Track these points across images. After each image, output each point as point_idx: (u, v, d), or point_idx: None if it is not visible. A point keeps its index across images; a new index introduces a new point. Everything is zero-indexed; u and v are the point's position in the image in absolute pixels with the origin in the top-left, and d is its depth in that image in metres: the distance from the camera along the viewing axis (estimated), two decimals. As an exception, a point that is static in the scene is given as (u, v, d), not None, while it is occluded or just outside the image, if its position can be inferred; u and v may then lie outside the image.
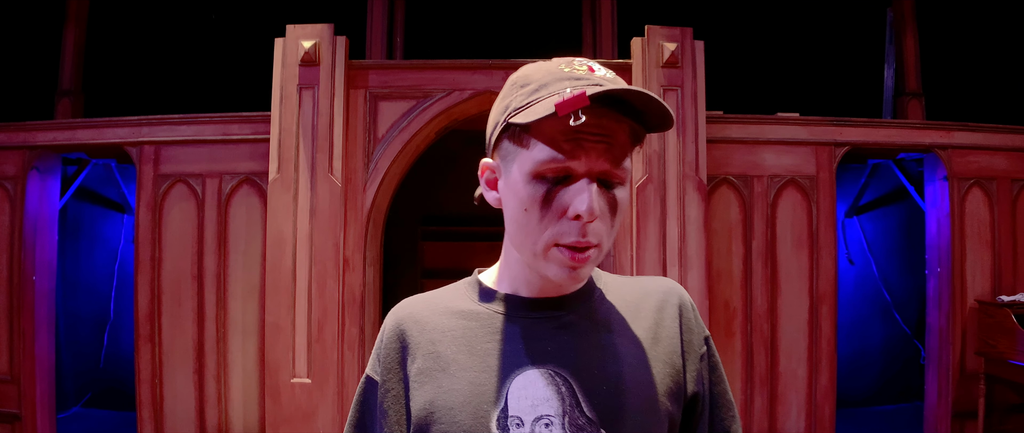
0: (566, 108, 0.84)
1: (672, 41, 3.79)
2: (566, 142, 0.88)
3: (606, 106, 0.89)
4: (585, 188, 0.87)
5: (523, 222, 0.92)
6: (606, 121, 0.88)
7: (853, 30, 5.43)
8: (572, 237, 0.88)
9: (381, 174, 3.76)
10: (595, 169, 0.88)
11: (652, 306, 1.03)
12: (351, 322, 3.69)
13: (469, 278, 1.07)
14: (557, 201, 0.89)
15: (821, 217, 4.07)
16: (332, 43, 3.75)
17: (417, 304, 1.05)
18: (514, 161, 0.93)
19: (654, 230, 3.74)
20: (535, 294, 0.99)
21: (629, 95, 0.87)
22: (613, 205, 0.91)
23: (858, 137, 4.15)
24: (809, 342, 4.05)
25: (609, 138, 0.88)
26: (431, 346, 0.98)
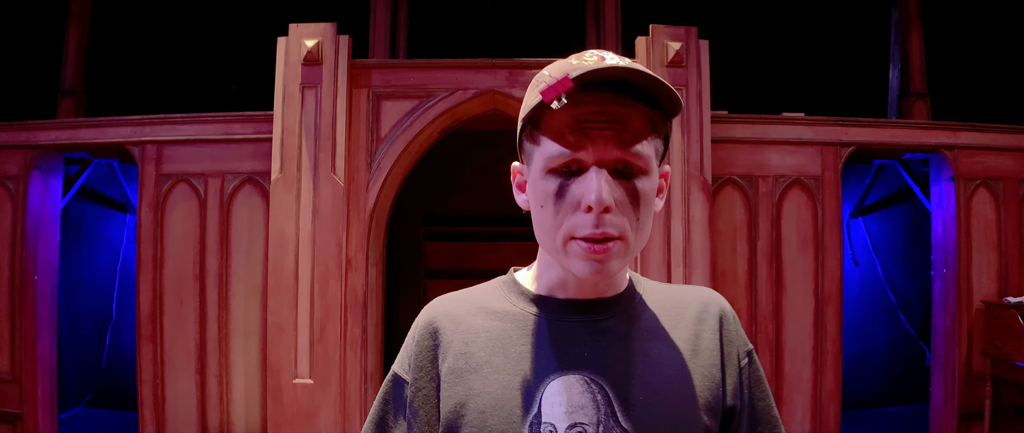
0: (550, 94, 0.83)
1: (677, 40, 3.77)
2: (572, 133, 0.86)
3: (611, 91, 0.86)
4: (594, 177, 0.85)
5: (542, 219, 0.91)
6: (612, 107, 0.86)
7: (858, 30, 5.41)
8: (586, 229, 0.85)
9: (384, 174, 3.74)
10: (605, 158, 0.86)
11: (692, 316, 1.00)
12: (354, 322, 3.67)
13: (504, 277, 1.05)
14: (570, 194, 0.87)
15: (826, 218, 4.04)
16: (335, 42, 3.73)
17: (451, 302, 1.03)
18: (532, 160, 0.92)
19: (658, 230, 3.72)
20: (572, 296, 0.97)
21: (616, 73, 0.85)
22: (633, 196, 0.88)
23: (864, 137, 4.12)
24: (814, 343, 4.02)
25: (617, 124, 0.86)
26: (464, 346, 0.96)
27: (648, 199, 0.90)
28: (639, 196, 0.88)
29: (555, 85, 0.83)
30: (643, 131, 0.87)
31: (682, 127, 3.75)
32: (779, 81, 5.23)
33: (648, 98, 0.88)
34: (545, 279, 0.98)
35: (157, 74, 5.26)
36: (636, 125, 0.87)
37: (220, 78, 5.08)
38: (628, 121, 0.86)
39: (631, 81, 0.86)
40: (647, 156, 0.88)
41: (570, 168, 0.87)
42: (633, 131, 0.86)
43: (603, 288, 0.97)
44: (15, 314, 4.07)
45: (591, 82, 0.86)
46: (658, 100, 0.88)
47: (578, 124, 0.86)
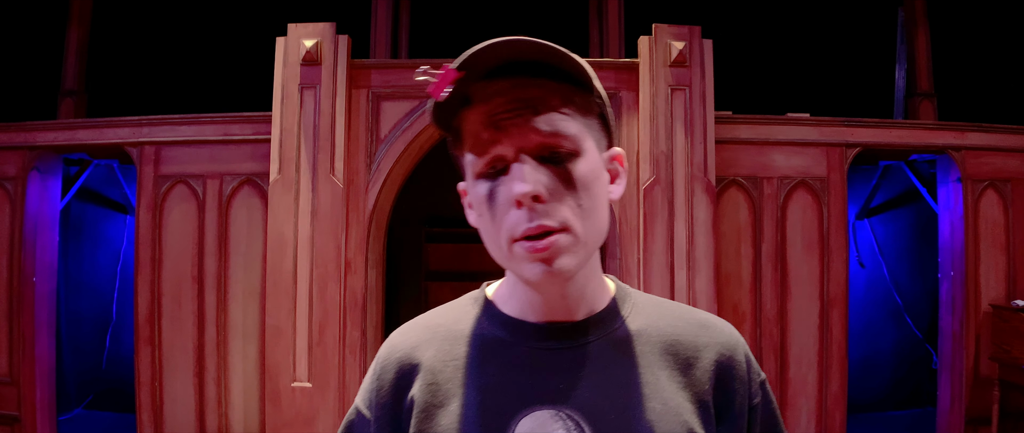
0: (436, 89, 0.78)
1: (680, 40, 3.72)
2: (486, 129, 0.80)
3: (515, 75, 0.80)
4: (516, 168, 0.78)
5: (484, 229, 0.84)
6: (520, 91, 0.80)
7: (863, 29, 5.36)
8: (522, 226, 0.78)
9: (384, 175, 3.70)
10: (525, 145, 0.79)
11: (688, 341, 0.89)
12: (353, 325, 3.63)
13: (476, 293, 0.96)
14: (500, 195, 0.80)
15: (832, 219, 3.99)
16: (334, 42, 3.69)
17: (416, 330, 0.94)
18: (466, 172, 0.86)
19: (661, 232, 3.67)
20: (543, 318, 0.87)
21: (501, 51, 0.78)
22: (568, 180, 0.79)
23: (870, 138, 4.07)
24: (820, 347, 3.97)
25: (529, 108, 0.79)
26: (430, 377, 0.87)
27: (588, 183, 0.81)
28: (575, 180, 0.80)
29: (440, 79, 0.78)
30: (560, 109, 0.81)
31: (686, 128, 3.71)
32: (784, 81, 5.18)
33: (560, 74, 0.81)
34: (514, 300, 0.89)
35: (157, 74, 5.23)
36: (552, 103, 0.80)
37: (219, 78, 5.05)
38: (541, 102, 0.80)
39: (525, 57, 0.79)
40: (573, 135, 0.80)
41: (496, 167, 0.81)
42: (549, 111, 0.80)
43: (575, 306, 0.87)
44: (13, 316, 4.04)
45: (494, 71, 0.80)
46: (569, 73, 0.82)
47: (491, 119, 0.80)
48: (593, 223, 0.82)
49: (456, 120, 0.85)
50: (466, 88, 0.81)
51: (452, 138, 0.87)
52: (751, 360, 0.91)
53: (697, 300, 3.65)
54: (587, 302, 0.88)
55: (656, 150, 3.69)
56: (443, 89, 0.78)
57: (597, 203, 0.82)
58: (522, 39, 0.77)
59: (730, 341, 0.90)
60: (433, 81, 0.79)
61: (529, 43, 0.77)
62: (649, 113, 3.70)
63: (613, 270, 3.77)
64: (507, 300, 0.91)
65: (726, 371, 0.88)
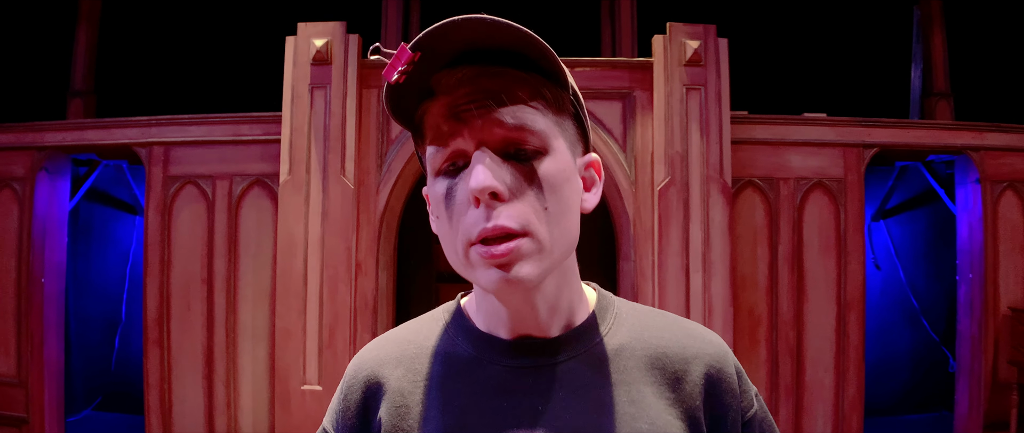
0: (389, 70, 0.70)
1: (695, 39, 3.67)
2: (446, 121, 0.73)
3: (480, 63, 0.73)
4: (475, 162, 0.71)
5: (441, 232, 0.76)
6: (484, 81, 0.73)
7: (879, 29, 5.30)
8: (479, 226, 0.70)
9: (395, 175, 3.66)
10: (487, 139, 0.72)
11: (675, 355, 0.82)
12: (363, 328, 3.59)
13: (449, 304, 0.89)
14: (459, 193, 0.73)
15: (849, 221, 3.93)
16: (344, 41, 3.66)
17: (385, 346, 0.86)
18: (427, 171, 0.79)
19: (677, 234, 3.62)
20: (515, 333, 0.80)
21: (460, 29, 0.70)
22: (532, 179, 0.72)
23: (888, 138, 4.01)
24: (836, 350, 3.91)
25: (495, 97, 0.72)
26: (400, 398, 0.80)
27: (556, 184, 0.74)
28: (541, 179, 0.73)
29: (393, 60, 0.71)
30: (528, 101, 0.74)
31: (701, 128, 3.66)
32: (799, 81, 5.13)
33: (529, 64, 0.74)
34: (482, 314, 0.82)
35: (166, 74, 5.22)
36: (519, 95, 0.73)
37: (229, 78, 5.03)
38: (507, 92, 0.73)
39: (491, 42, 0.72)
40: (540, 130, 0.73)
41: (456, 164, 0.74)
42: (515, 103, 0.73)
43: (549, 320, 0.79)
44: (21, 317, 4.02)
45: (456, 58, 0.73)
46: (538, 64, 0.74)
47: (452, 111, 0.73)
48: (560, 230, 0.74)
49: (418, 114, 0.78)
50: (428, 78, 0.74)
51: (414, 135, 0.80)
52: (742, 372, 0.85)
53: (713, 303, 3.60)
54: (562, 315, 0.80)
55: (671, 151, 3.64)
56: (396, 70, 0.71)
57: (566, 208, 0.75)
58: (483, 18, 0.69)
59: (719, 352, 0.84)
60: (386, 62, 0.72)
61: (491, 23, 0.70)
62: (664, 113, 3.65)
63: (627, 273, 3.72)
64: (477, 312, 0.84)
65: (716, 384, 0.81)
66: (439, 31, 0.70)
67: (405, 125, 0.79)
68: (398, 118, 0.78)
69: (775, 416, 3.88)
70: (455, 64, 0.74)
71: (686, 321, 0.88)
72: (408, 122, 0.79)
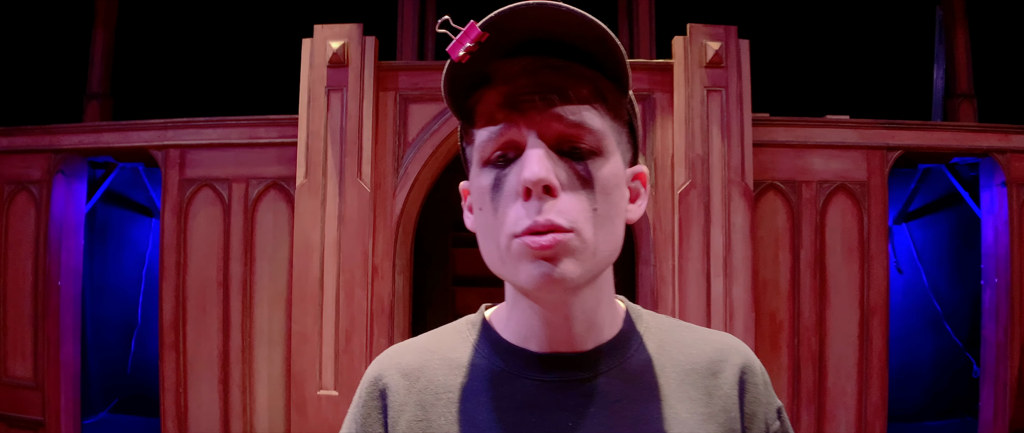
0: (455, 46, 0.67)
1: (716, 40, 3.62)
2: (501, 110, 0.71)
3: (544, 55, 0.70)
4: (529, 154, 0.69)
5: (483, 226, 0.74)
6: (547, 75, 0.71)
7: (900, 29, 5.22)
8: (528, 219, 0.68)
9: (411, 179, 3.64)
10: (543, 131, 0.70)
11: (705, 367, 0.79)
12: (380, 332, 3.56)
13: (473, 316, 0.86)
14: (507, 184, 0.71)
15: (872, 225, 3.87)
16: (361, 43, 3.63)
17: (406, 354, 0.83)
18: (472, 163, 0.77)
19: (698, 238, 3.57)
20: (547, 347, 0.77)
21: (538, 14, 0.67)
22: (586, 180, 0.70)
23: (912, 141, 3.94)
24: (859, 356, 3.85)
25: (555, 92, 0.70)
26: (420, 411, 0.77)
27: (607, 188, 0.72)
28: (594, 181, 0.71)
29: (461, 37, 0.68)
30: (588, 100, 0.72)
31: (722, 130, 3.61)
32: (820, 82, 5.06)
33: (594, 62, 0.72)
34: (513, 325, 0.79)
35: (182, 77, 5.21)
36: (578, 93, 0.71)
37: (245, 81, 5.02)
38: (569, 89, 0.71)
39: (566, 40, 0.69)
40: (597, 131, 0.71)
41: (507, 155, 0.72)
42: (575, 100, 0.71)
43: (584, 334, 0.76)
44: (38, 320, 4.02)
45: (519, 47, 0.70)
46: (604, 64, 0.72)
47: (509, 100, 0.71)
48: (606, 233, 0.72)
49: (470, 101, 0.75)
50: (485, 65, 0.71)
51: (463, 123, 0.77)
52: (768, 381, 0.83)
53: (734, 308, 3.54)
54: (596, 329, 0.78)
55: (691, 153, 3.59)
56: (462, 46, 0.68)
57: (614, 213, 0.73)
58: (559, 5, 0.67)
59: (748, 361, 0.81)
60: (453, 37, 0.69)
61: (567, 12, 0.67)
62: (684, 115, 3.60)
63: (647, 277, 3.67)
64: (506, 324, 0.81)
65: (747, 393, 0.79)
66: (511, 12, 0.67)
67: (455, 111, 0.77)
68: (450, 102, 0.75)
69: (796, 424, 3.81)
70: (516, 54, 0.71)
71: (713, 332, 0.85)
72: (458, 108, 0.76)
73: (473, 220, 0.78)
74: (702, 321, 3.51)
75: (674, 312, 3.51)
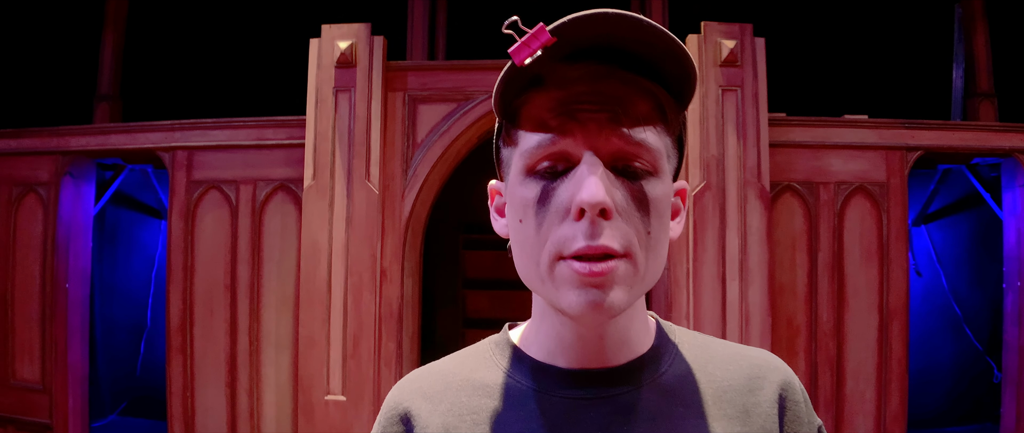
0: (521, 51, 0.62)
1: (731, 38, 3.55)
2: (555, 117, 0.66)
3: (606, 63, 0.65)
4: (586, 171, 0.64)
5: (521, 238, 0.69)
6: (608, 85, 0.66)
7: (918, 28, 5.13)
8: (580, 242, 0.63)
9: (420, 181, 3.58)
10: (600, 146, 0.65)
11: (743, 384, 0.75)
12: (388, 337, 3.51)
13: (498, 336, 0.81)
14: (556, 198, 0.66)
15: (892, 227, 3.78)
16: (369, 43, 3.58)
17: (428, 378, 0.79)
18: (510, 168, 0.72)
19: (713, 241, 3.49)
20: (577, 364, 0.73)
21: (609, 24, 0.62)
22: (641, 201, 0.67)
23: (932, 141, 3.85)
24: (878, 362, 3.76)
25: (615, 105, 0.66)
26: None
27: (660, 210, 0.68)
28: (649, 203, 0.67)
29: (528, 38, 0.62)
30: (650, 117, 0.67)
31: (738, 130, 3.53)
32: (838, 81, 4.98)
33: (655, 74, 0.67)
34: (542, 340, 0.75)
35: (191, 78, 5.20)
36: (640, 109, 0.67)
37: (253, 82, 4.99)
38: (630, 103, 0.66)
39: (632, 49, 0.64)
40: (656, 150, 0.67)
41: (556, 168, 0.67)
42: (637, 116, 0.66)
43: (616, 350, 0.73)
44: (46, 323, 4.00)
45: (580, 52, 0.65)
46: (666, 76, 0.67)
47: (564, 107, 0.66)
48: (655, 257, 0.68)
49: (517, 100, 0.70)
50: (540, 66, 0.66)
51: (506, 123, 0.72)
52: (808, 400, 0.78)
53: (750, 313, 3.47)
54: (628, 345, 0.74)
55: (706, 154, 3.51)
56: (529, 51, 0.63)
57: (664, 236, 0.69)
58: (640, 18, 0.62)
59: (786, 376, 0.77)
60: (518, 39, 0.63)
61: (647, 25, 0.62)
62: (699, 115, 3.53)
63: (660, 281, 3.61)
64: (532, 342, 0.76)
65: (788, 412, 0.75)
66: (586, 19, 0.62)
67: (500, 111, 0.72)
68: (499, 100, 0.70)
69: (814, 430, 3.73)
70: (575, 58, 0.66)
71: (748, 348, 0.80)
72: (504, 109, 0.72)
73: (505, 226, 0.74)
74: (717, 325, 3.43)
75: (688, 316, 3.44)
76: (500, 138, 0.74)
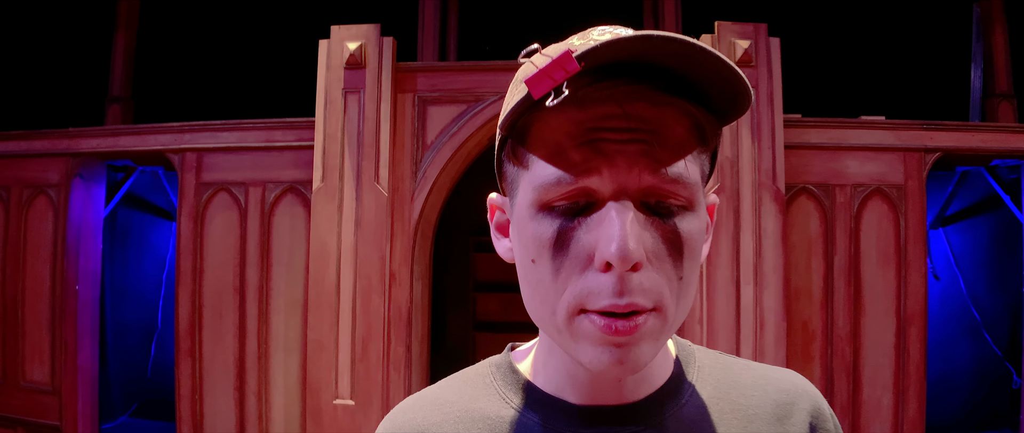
0: (542, 82, 0.52)
1: (745, 38, 3.49)
2: (578, 148, 0.57)
3: (636, 82, 0.55)
4: (614, 217, 0.55)
5: (534, 281, 0.60)
6: (640, 107, 0.56)
7: (936, 28, 5.06)
8: (605, 298, 0.55)
9: (430, 183, 3.55)
10: (630, 186, 0.56)
11: (770, 413, 0.68)
12: (397, 341, 3.48)
13: (498, 358, 0.74)
14: (576, 244, 0.57)
15: (910, 230, 3.71)
16: (379, 44, 3.55)
17: (423, 408, 0.71)
18: (517, 190, 0.63)
19: (727, 244, 3.44)
20: (587, 400, 0.66)
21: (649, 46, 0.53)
22: (675, 244, 0.58)
23: (951, 142, 3.78)
24: (896, 368, 3.69)
25: (648, 133, 0.56)
26: None
27: (694, 248, 0.60)
28: (682, 244, 0.58)
29: (549, 67, 0.52)
30: (687, 144, 0.58)
31: (752, 132, 3.48)
32: (854, 82, 4.91)
33: (691, 91, 0.58)
34: (549, 371, 0.68)
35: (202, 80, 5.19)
36: (677, 134, 0.58)
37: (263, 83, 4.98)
38: (665, 128, 0.57)
39: (668, 64, 0.55)
40: (693, 183, 0.59)
41: (577, 204, 0.58)
42: (673, 144, 0.57)
43: (634, 385, 0.66)
44: (56, 324, 4.00)
45: (606, 67, 0.56)
46: (714, 95, 0.58)
47: (587, 134, 0.57)
48: (686, 302, 0.60)
49: (526, 117, 0.61)
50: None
51: (513, 140, 0.62)
52: (839, 427, 0.72)
53: (764, 317, 3.41)
54: (647, 379, 0.67)
55: (720, 156, 3.46)
56: (554, 83, 0.53)
57: (696, 275, 0.61)
58: (685, 40, 0.53)
59: (817, 405, 0.70)
60: (535, 68, 0.53)
61: (689, 47, 0.53)
62: (711, 116, 3.48)
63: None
64: (540, 371, 0.69)
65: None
66: (620, 45, 0.53)
67: (506, 129, 0.62)
68: (508, 121, 0.61)
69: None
70: (600, 75, 0.56)
71: (774, 369, 0.73)
72: (510, 125, 0.62)
73: (509, 250, 0.67)
74: (731, 331, 3.38)
75: (702, 321, 3.39)
76: (504, 152, 0.65)
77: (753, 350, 3.36)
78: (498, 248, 0.69)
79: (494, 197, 0.70)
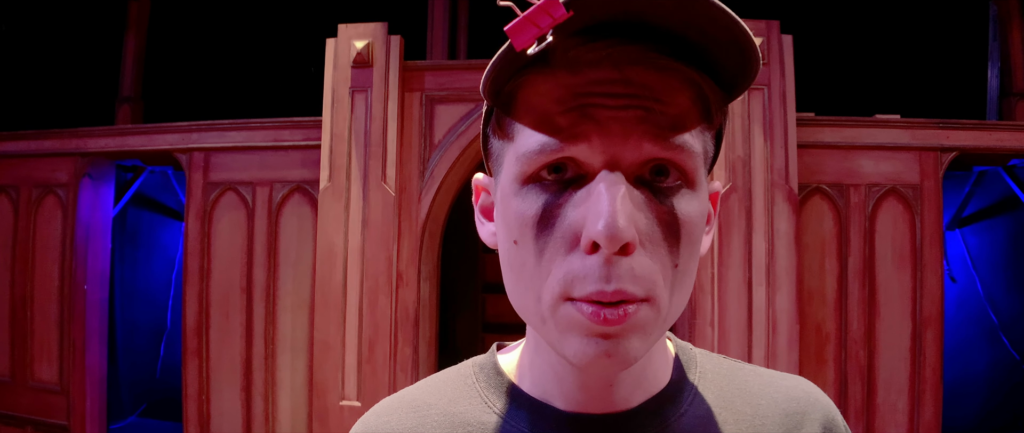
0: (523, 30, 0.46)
1: (757, 35, 3.43)
2: (565, 113, 0.51)
3: (635, 42, 0.49)
4: (602, 191, 0.49)
5: (517, 265, 0.55)
6: (641, 71, 0.50)
7: (952, 25, 4.99)
8: (592, 283, 0.49)
9: (437, 182, 3.51)
10: (625, 157, 0.50)
11: (778, 420, 0.62)
12: (404, 341, 3.44)
13: (482, 358, 0.68)
14: (563, 220, 0.52)
15: (925, 231, 3.64)
16: (386, 43, 3.53)
17: (397, 412, 0.66)
18: (501, 167, 0.57)
19: (738, 245, 3.39)
20: (576, 406, 0.60)
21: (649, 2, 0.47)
22: (671, 226, 0.52)
23: (968, 142, 3.71)
24: (911, 371, 3.62)
25: (645, 97, 0.50)
26: None
27: (694, 233, 0.54)
28: (680, 227, 0.52)
29: (533, 12, 0.46)
30: (689, 115, 0.52)
31: (765, 130, 3.42)
32: (868, 80, 4.85)
33: (697, 56, 0.52)
34: (535, 373, 0.62)
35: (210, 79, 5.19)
36: (679, 104, 0.52)
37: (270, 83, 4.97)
38: (667, 96, 0.51)
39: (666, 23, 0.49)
40: (695, 159, 0.53)
41: (562, 176, 0.52)
42: (674, 115, 0.52)
43: (629, 390, 0.60)
44: (64, 324, 3.99)
45: (600, 27, 0.50)
46: (721, 60, 0.52)
47: (577, 99, 0.51)
48: (681, 294, 0.54)
49: (513, 82, 0.54)
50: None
51: (498, 110, 0.57)
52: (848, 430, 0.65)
53: (777, 319, 3.35)
54: (643, 385, 0.61)
55: (732, 155, 3.41)
56: (539, 32, 0.47)
57: (694, 264, 0.56)
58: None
59: (829, 414, 0.64)
60: (519, 15, 0.48)
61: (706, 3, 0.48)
62: (723, 115, 3.43)
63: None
64: (526, 372, 0.63)
65: None
66: None
67: (489, 95, 0.57)
68: (489, 85, 0.55)
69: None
70: (592, 34, 0.50)
71: (781, 375, 0.67)
72: (494, 92, 0.56)
73: (492, 235, 0.61)
74: (743, 333, 3.33)
75: (713, 324, 3.34)
76: (490, 125, 0.60)
77: (765, 353, 3.31)
78: (482, 233, 0.64)
79: (479, 177, 0.65)
